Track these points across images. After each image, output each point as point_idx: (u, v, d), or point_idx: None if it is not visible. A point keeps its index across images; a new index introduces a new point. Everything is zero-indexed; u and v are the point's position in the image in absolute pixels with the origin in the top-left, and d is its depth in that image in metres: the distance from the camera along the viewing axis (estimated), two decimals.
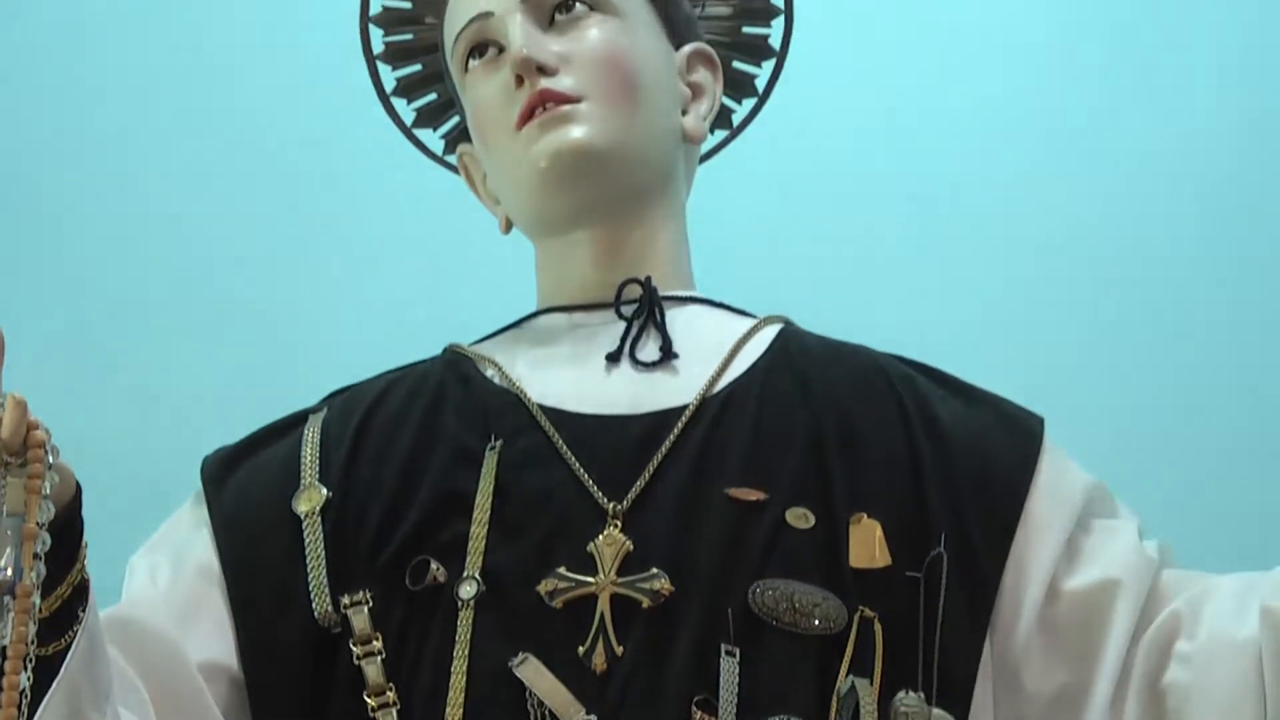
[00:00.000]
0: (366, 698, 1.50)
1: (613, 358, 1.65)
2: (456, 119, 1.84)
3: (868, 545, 1.52)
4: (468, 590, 1.50)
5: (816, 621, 1.49)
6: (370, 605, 1.52)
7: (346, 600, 1.52)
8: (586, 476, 1.55)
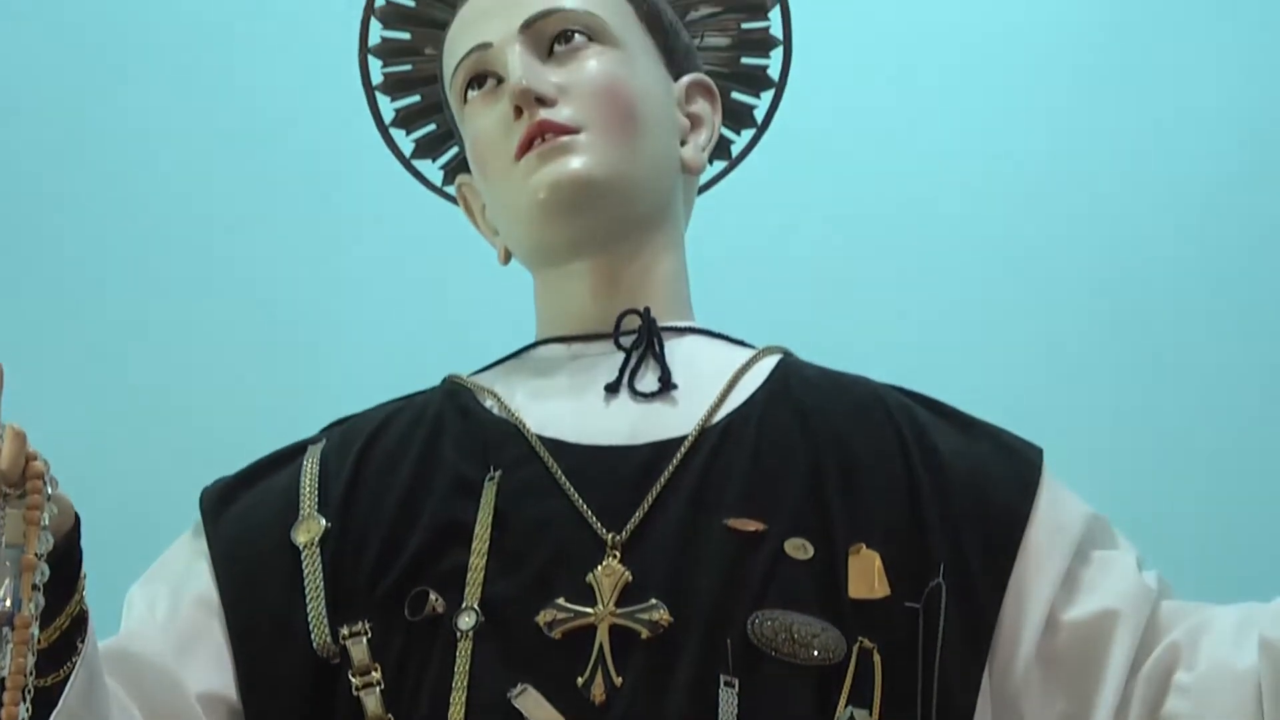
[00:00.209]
0: None
1: (612, 388, 1.65)
2: (455, 150, 1.84)
3: (867, 576, 1.52)
4: (466, 621, 1.50)
5: (815, 652, 1.48)
6: (369, 636, 1.52)
7: (345, 631, 1.52)
8: (585, 507, 1.55)
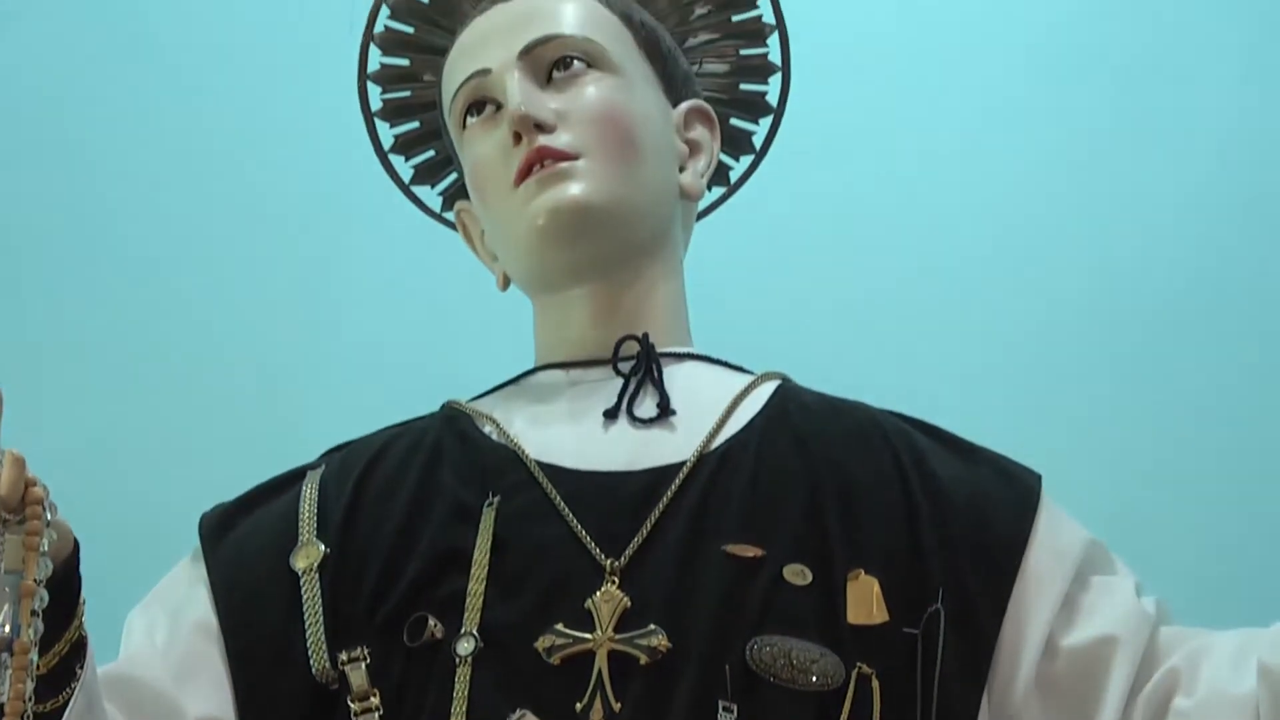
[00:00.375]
0: None
1: (610, 414, 1.65)
2: (454, 176, 1.85)
3: (865, 601, 1.52)
4: (465, 647, 1.49)
5: (814, 678, 1.48)
6: (368, 662, 1.51)
7: (344, 656, 1.52)
8: (584, 533, 1.55)
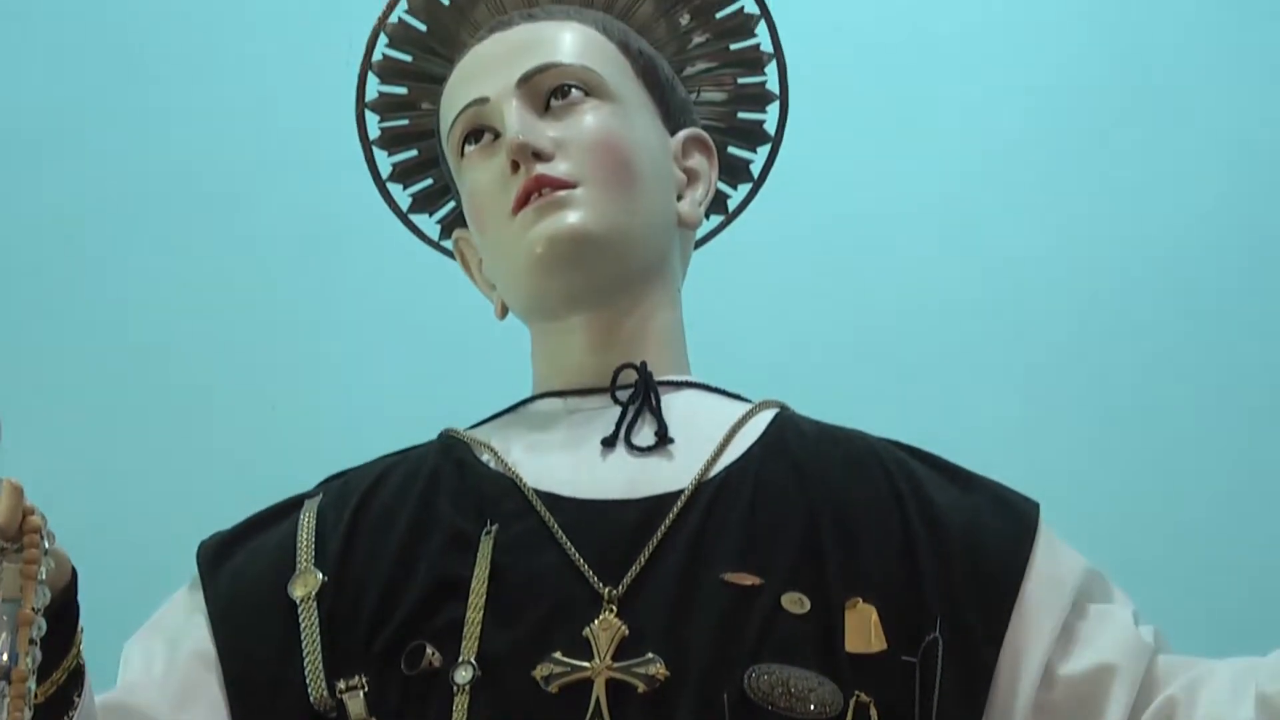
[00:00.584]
0: None
1: (608, 443, 1.65)
2: (452, 204, 1.85)
3: (863, 630, 1.52)
4: (463, 675, 1.49)
5: (812, 706, 1.48)
6: (366, 690, 1.51)
7: (342, 685, 1.51)
8: (582, 561, 1.55)
